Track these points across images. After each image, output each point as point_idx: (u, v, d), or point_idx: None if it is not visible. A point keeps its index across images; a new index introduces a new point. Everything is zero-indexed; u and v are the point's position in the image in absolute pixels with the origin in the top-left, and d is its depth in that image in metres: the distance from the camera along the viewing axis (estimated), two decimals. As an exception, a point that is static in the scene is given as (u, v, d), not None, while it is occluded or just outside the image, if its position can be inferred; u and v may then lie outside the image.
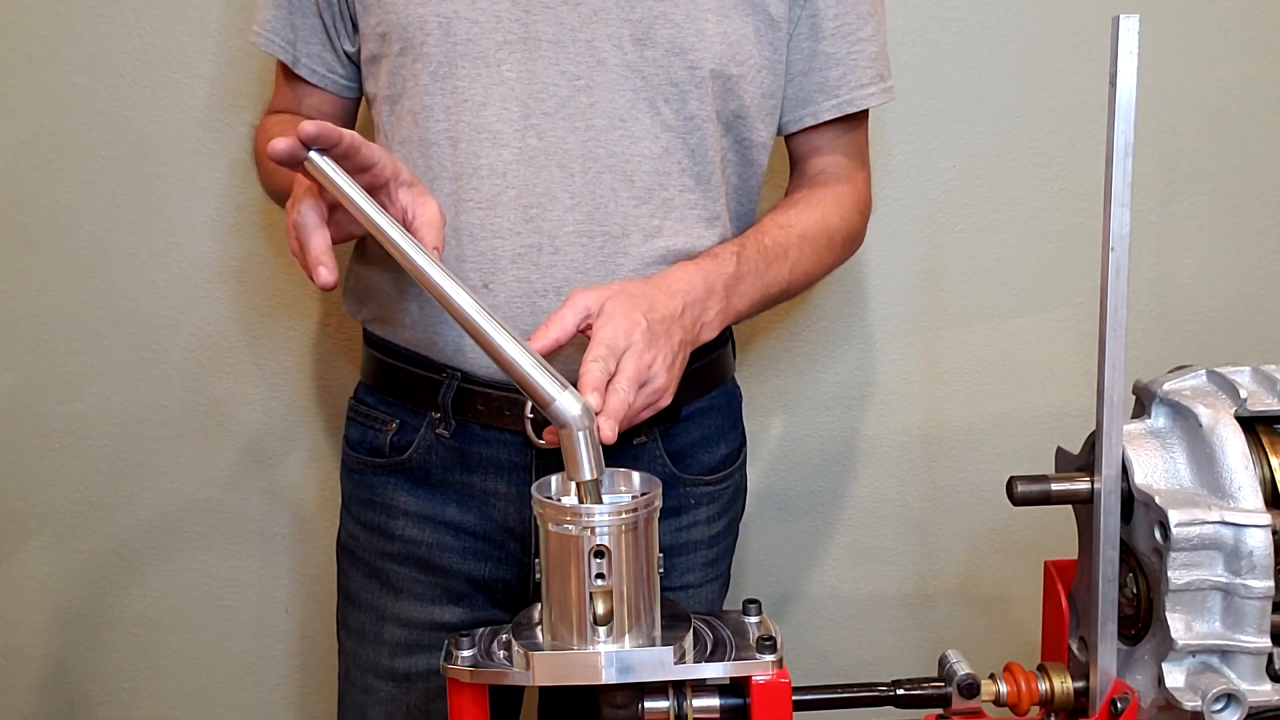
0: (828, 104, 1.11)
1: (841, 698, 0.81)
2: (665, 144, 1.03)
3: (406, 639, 1.11)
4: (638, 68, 1.01)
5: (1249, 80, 1.46)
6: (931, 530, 1.53)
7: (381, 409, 1.11)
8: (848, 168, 1.16)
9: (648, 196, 1.02)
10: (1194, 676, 0.75)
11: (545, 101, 1.01)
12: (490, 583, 1.10)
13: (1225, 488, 0.75)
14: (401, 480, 1.10)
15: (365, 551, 1.13)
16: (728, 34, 1.03)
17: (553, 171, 1.01)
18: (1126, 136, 0.72)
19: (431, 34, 1.01)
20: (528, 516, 1.07)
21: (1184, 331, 1.50)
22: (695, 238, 1.05)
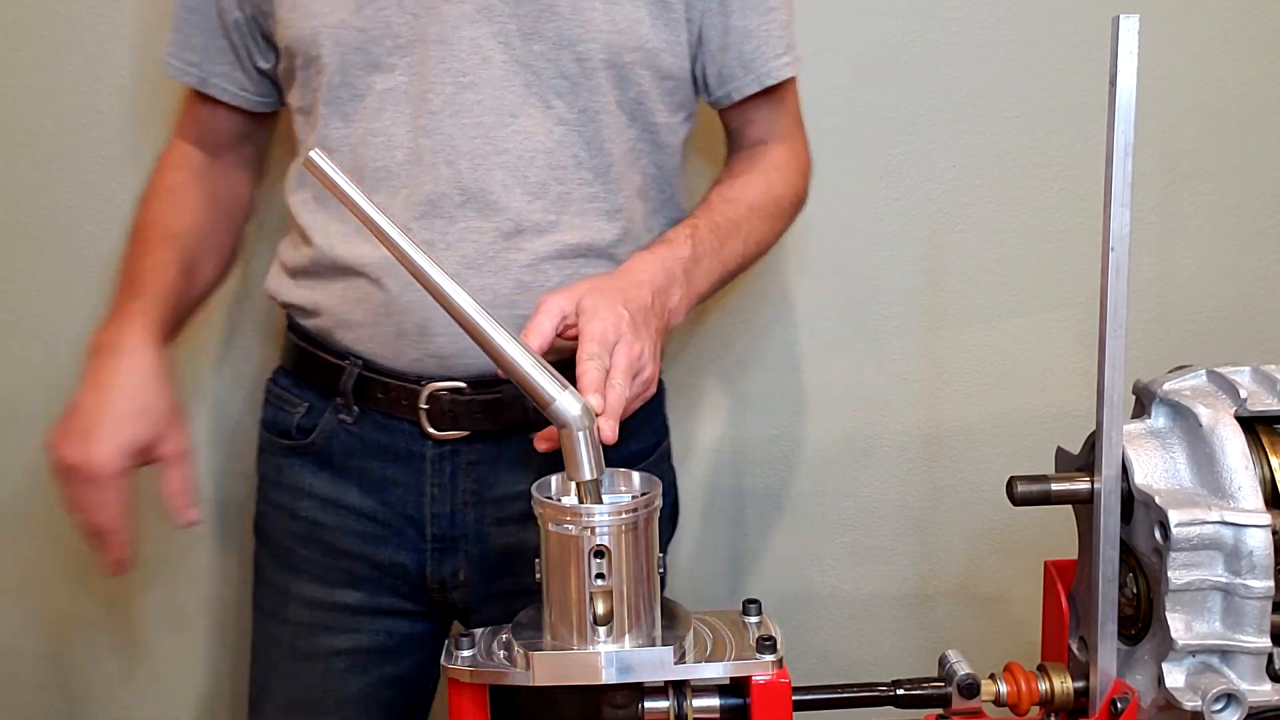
0: (749, 79, 1.12)
1: (841, 698, 0.81)
2: (559, 138, 1.03)
3: (309, 619, 1.13)
4: (526, 62, 1.02)
5: (1249, 80, 1.46)
6: (931, 530, 1.53)
7: (293, 392, 1.14)
8: (784, 133, 1.19)
9: (542, 192, 1.03)
10: (1194, 676, 0.75)
11: (432, 101, 1.02)
12: (390, 567, 1.11)
13: (1225, 488, 0.75)
14: (307, 462, 1.12)
15: (273, 531, 1.16)
16: (616, 21, 1.03)
17: (441, 169, 1.02)
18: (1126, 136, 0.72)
19: (324, 45, 1.03)
20: (424, 504, 1.09)
21: (1184, 331, 1.50)
22: (595, 232, 1.06)
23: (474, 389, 1.06)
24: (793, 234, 1.44)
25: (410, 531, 1.10)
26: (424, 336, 1.04)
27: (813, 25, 1.40)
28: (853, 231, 1.45)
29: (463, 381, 1.05)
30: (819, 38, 1.41)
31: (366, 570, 1.12)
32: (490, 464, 1.09)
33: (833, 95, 1.42)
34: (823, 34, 1.41)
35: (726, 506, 1.51)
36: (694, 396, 1.48)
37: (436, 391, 1.05)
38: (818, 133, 1.43)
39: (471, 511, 1.09)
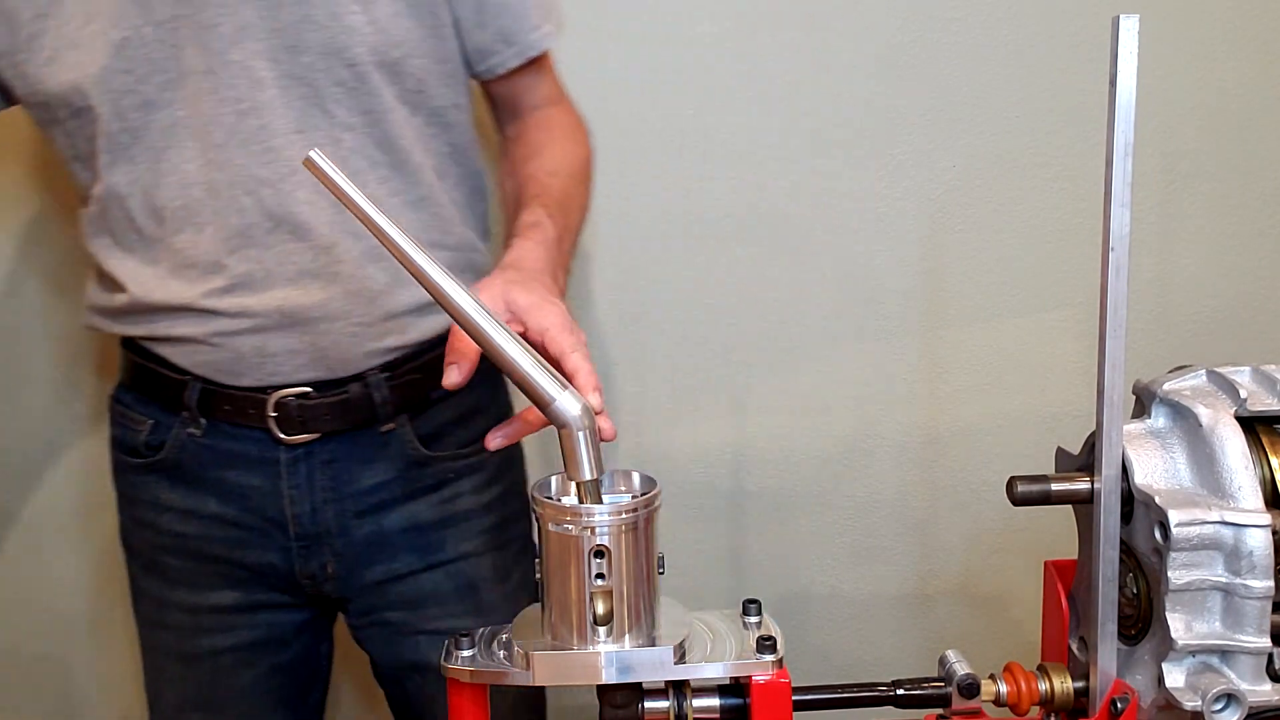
0: (510, 52, 1.13)
1: (841, 698, 0.81)
2: (350, 144, 1.04)
3: (189, 623, 1.14)
4: (298, 75, 1.01)
5: (1249, 80, 1.46)
6: (931, 530, 1.53)
7: (137, 409, 1.13)
8: (558, 95, 1.20)
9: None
10: (1194, 676, 0.75)
11: (215, 134, 1.01)
12: (261, 568, 1.12)
13: (1225, 488, 0.75)
14: (161, 478, 1.12)
15: (140, 544, 1.16)
16: (377, 19, 1.02)
17: (243, 200, 1.02)
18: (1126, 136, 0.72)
19: (92, 95, 1.00)
20: (284, 506, 1.09)
21: (1184, 331, 1.50)
22: (406, 223, 1.04)
23: (320, 392, 1.07)
24: (793, 234, 1.45)
25: (274, 533, 1.11)
26: (263, 357, 1.05)
27: (813, 26, 1.41)
28: (853, 231, 1.45)
29: (308, 386, 1.06)
30: (819, 38, 1.41)
31: (238, 572, 1.12)
32: (344, 460, 1.10)
33: (833, 95, 1.42)
34: (823, 34, 1.41)
35: (726, 506, 1.51)
36: (694, 397, 1.48)
37: (283, 399, 1.06)
38: (818, 133, 1.43)
39: (331, 508, 1.10)
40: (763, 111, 1.42)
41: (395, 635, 1.16)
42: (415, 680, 1.18)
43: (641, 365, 1.47)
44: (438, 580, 1.14)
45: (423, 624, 1.15)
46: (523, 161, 1.15)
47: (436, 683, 1.11)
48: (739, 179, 1.43)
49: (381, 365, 1.09)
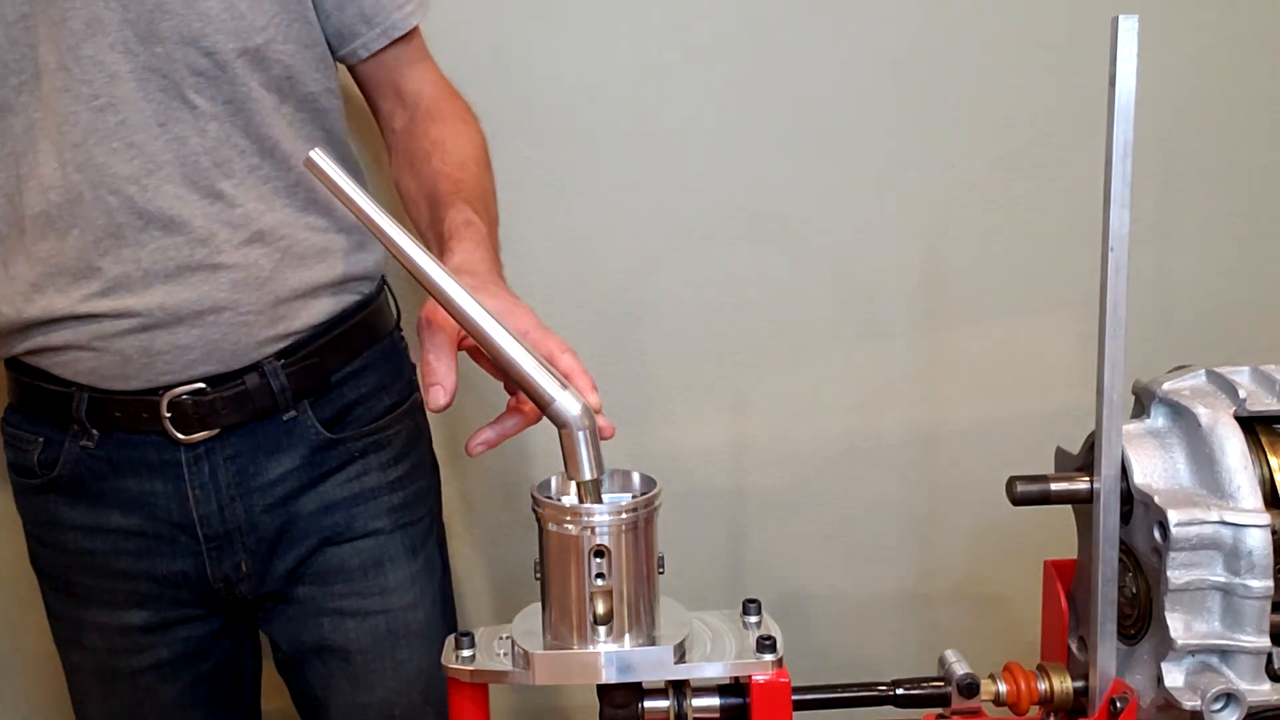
0: (374, 33, 1.10)
1: (841, 697, 0.81)
2: (216, 134, 1.01)
3: (105, 644, 1.12)
4: (155, 67, 0.98)
5: (1249, 80, 1.46)
6: (931, 530, 1.53)
7: (26, 428, 1.10)
8: (432, 77, 1.17)
9: (217, 191, 1.01)
10: (1193, 676, 0.75)
11: (70, 133, 0.97)
12: (170, 578, 1.10)
13: (1224, 488, 0.75)
14: (59, 496, 1.09)
15: (50, 566, 1.14)
16: (234, 5, 0.99)
17: (106, 199, 0.98)
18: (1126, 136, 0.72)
19: None
20: (190, 508, 1.07)
21: (1184, 331, 1.50)
22: (281, 211, 1.04)
23: (215, 387, 1.04)
24: (793, 234, 1.45)
25: (183, 538, 1.08)
26: (149, 356, 1.02)
27: (813, 26, 1.41)
28: (853, 231, 1.45)
29: (202, 382, 1.04)
30: (819, 38, 1.41)
31: (148, 587, 1.10)
32: (248, 454, 1.08)
33: (833, 95, 1.42)
34: (823, 35, 1.41)
35: (726, 506, 1.51)
36: (695, 397, 1.48)
37: (176, 398, 1.04)
38: (818, 133, 1.43)
39: (239, 504, 1.08)
40: (763, 112, 1.42)
41: (300, 614, 1.14)
42: (316, 666, 1.16)
43: (641, 365, 1.47)
44: (344, 555, 1.13)
45: (328, 601, 1.13)
46: (425, 158, 1.12)
47: (341, 670, 1.14)
48: (739, 179, 1.43)
49: (277, 353, 1.06)
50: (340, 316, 1.10)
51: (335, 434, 1.11)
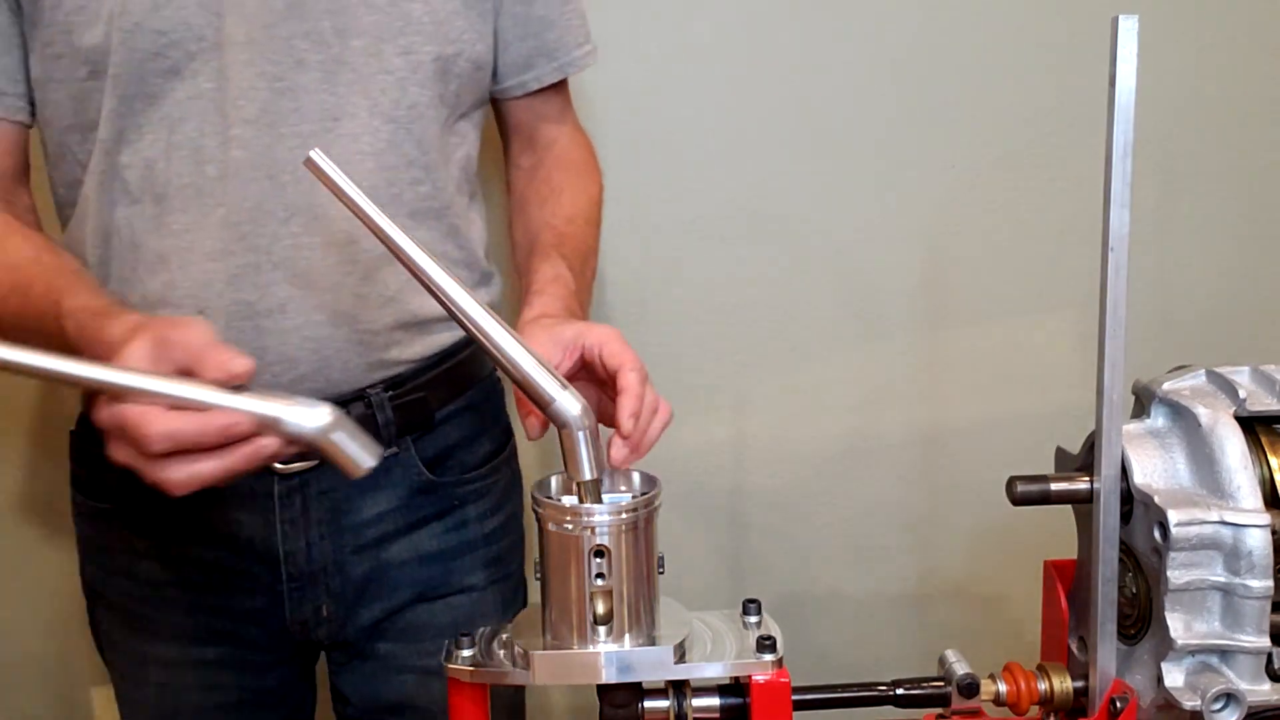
0: (550, 67, 1.10)
1: (841, 697, 0.81)
2: (388, 137, 0.98)
3: (169, 679, 1.06)
4: (345, 60, 0.95)
5: (1249, 80, 1.46)
6: (931, 530, 1.53)
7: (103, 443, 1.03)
8: (572, 129, 1.17)
9: (373, 196, 0.96)
10: (1193, 676, 0.75)
11: (245, 109, 0.93)
12: (244, 614, 1.04)
13: (1224, 488, 0.75)
14: (136, 521, 1.02)
15: (113, 594, 1.07)
16: (436, 12, 0.98)
17: (262, 184, 0.94)
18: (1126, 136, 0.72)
19: (117, 51, 0.91)
20: (275, 543, 1.01)
21: (1184, 331, 1.50)
22: (428, 230, 1.01)
23: None
24: (793, 234, 1.45)
25: (263, 574, 1.02)
26: (260, 365, 0.94)
27: (813, 26, 1.41)
28: (853, 231, 1.45)
29: None
30: (819, 39, 1.41)
31: (222, 623, 1.04)
32: (344, 490, 1.02)
33: (833, 95, 1.42)
34: (823, 35, 1.41)
35: (726, 506, 1.51)
36: (695, 397, 1.48)
37: None
38: (819, 133, 1.43)
39: (329, 543, 1.02)
40: (763, 112, 1.42)
41: (381, 671, 1.08)
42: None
43: (641, 365, 1.47)
44: (436, 611, 1.08)
45: (414, 659, 1.07)
46: (539, 203, 1.10)
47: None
48: (739, 179, 1.43)
49: (385, 381, 1.01)
50: (450, 350, 1.06)
51: (437, 476, 1.06)
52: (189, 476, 0.74)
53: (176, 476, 0.74)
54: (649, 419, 0.82)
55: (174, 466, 0.74)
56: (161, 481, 0.75)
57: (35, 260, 0.93)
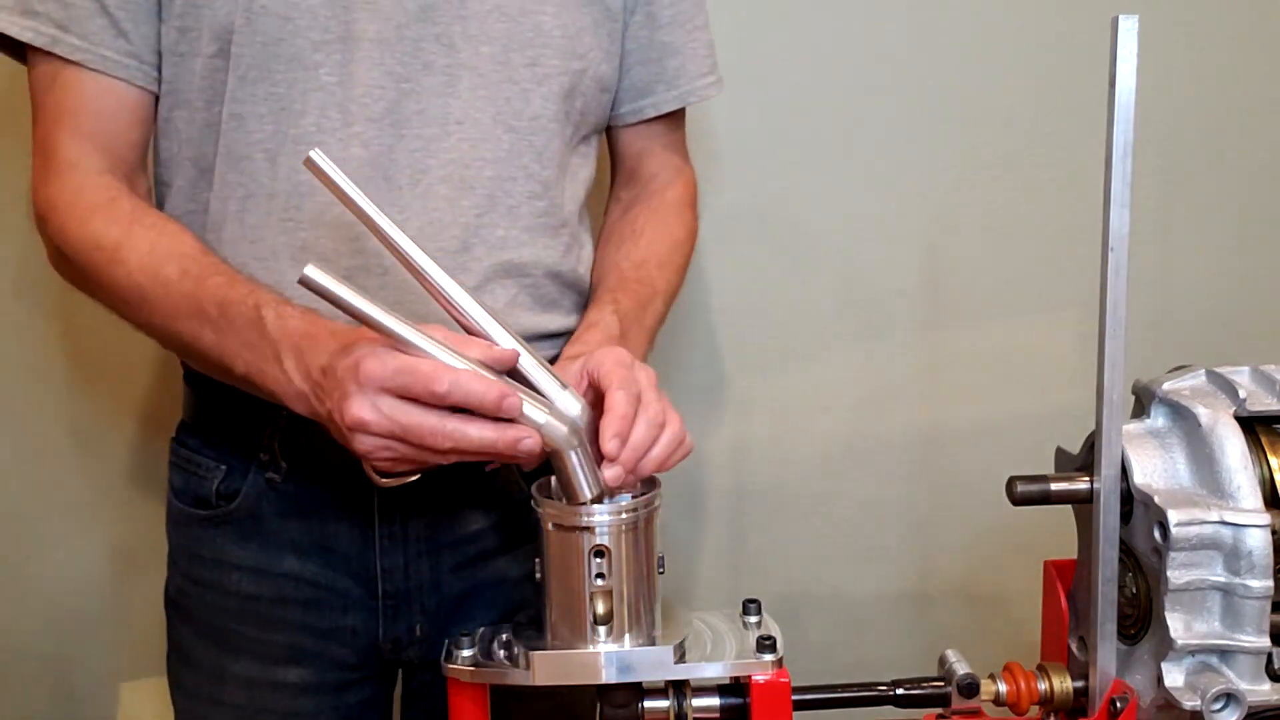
0: (669, 95, 1.07)
1: (841, 697, 0.81)
2: (508, 147, 0.96)
3: (247, 700, 1.02)
4: (472, 66, 0.94)
5: (1249, 80, 1.46)
6: (931, 530, 1.53)
7: (205, 453, 1.00)
8: (678, 167, 1.14)
9: (490, 205, 0.95)
10: (1193, 676, 0.75)
11: (369, 107, 0.91)
12: (336, 633, 1.01)
13: (1224, 488, 0.75)
14: (231, 532, 0.99)
15: (198, 608, 1.03)
16: (567, 26, 0.97)
17: (378, 183, 0.92)
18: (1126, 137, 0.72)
19: (240, 32, 0.90)
20: (372, 559, 0.99)
21: (1184, 331, 1.50)
22: (542, 248, 0.98)
23: None
24: (793, 234, 1.45)
25: (358, 592, 0.99)
26: None
27: (813, 26, 1.41)
28: (853, 231, 1.45)
29: None
30: (819, 38, 1.41)
31: (310, 642, 1.00)
32: (444, 506, 0.99)
33: (833, 96, 1.42)
34: (823, 34, 1.41)
35: (726, 506, 1.51)
36: (694, 396, 1.48)
37: None
38: (819, 133, 1.43)
39: (426, 560, 1.00)
40: (763, 112, 1.42)
41: None
42: None
43: (641, 365, 1.47)
44: None
45: None
46: (617, 243, 1.07)
47: None
48: (739, 179, 1.43)
49: None
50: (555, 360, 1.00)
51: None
52: (456, 436, 0.75)
53: (444, 431, 0.75)
54: (647, 437, 0.79)
55: (450, 421, 0.75)
56: (426, 437, 0.75)
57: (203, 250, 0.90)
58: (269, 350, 0.82)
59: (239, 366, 0.85)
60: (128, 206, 0.91)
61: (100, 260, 0.89)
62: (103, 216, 0.90)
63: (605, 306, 0.98)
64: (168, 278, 0.87)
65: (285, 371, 0.82)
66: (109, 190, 0.92)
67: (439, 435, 0.75)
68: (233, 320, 0.84)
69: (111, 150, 0.94)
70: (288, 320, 0.83)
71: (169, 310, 0.87)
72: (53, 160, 0.93)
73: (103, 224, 0.90)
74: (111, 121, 0.94)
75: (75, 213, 0.91)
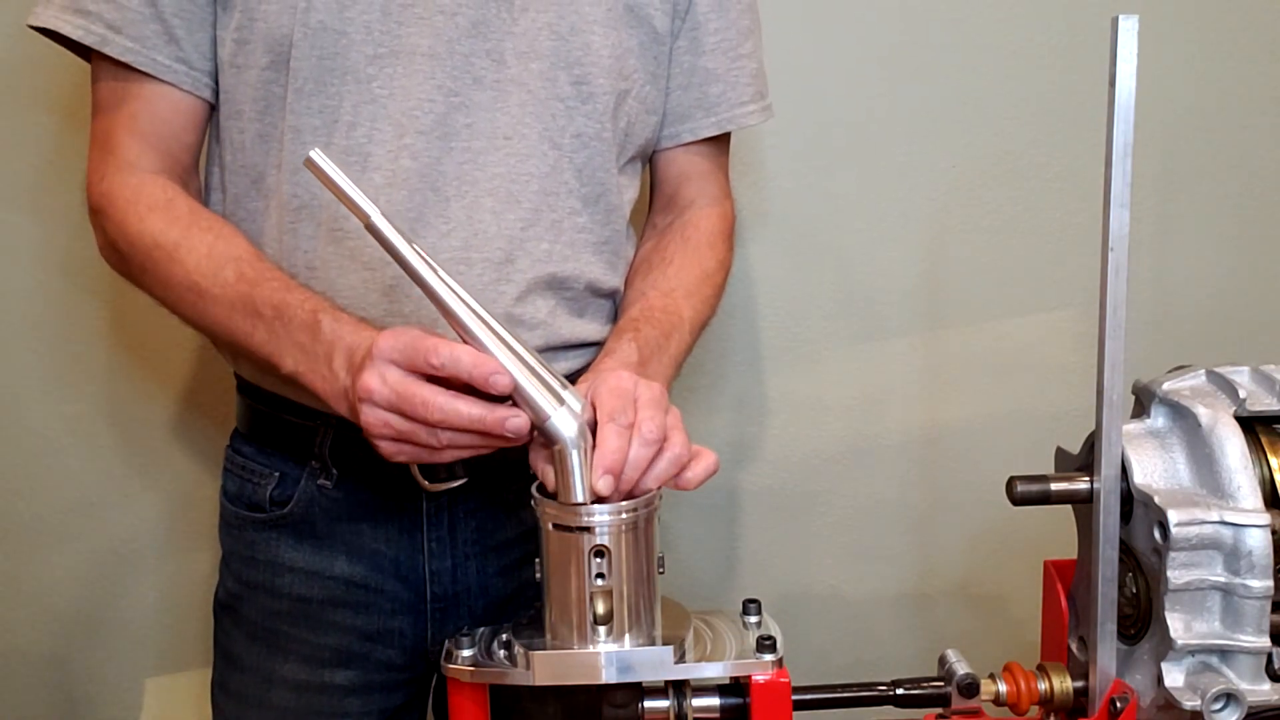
0: (708, 121, 1.08)
1: (841, 697, 0.81)
2: (553, 162, 0.97)
3: (295, 703, 1.04)
4: (522, 82, 0.95)
5: (1249, 80, 1.46)
6: (931, 530, 1.53)
7: (259, 460, 1.03)
8: (716, 196, 1.12)
9: (534, 219, 0.96)
10: (1193, 676, 0.75)
11: (419, 120, 0.93)
12: (384, 635, 1.03)
13: (1224, 488, 0.75)
14: (285, 535, 1.02)
15: (249, 611, 1.05)
16: (615, 47, 0.98)
17: (425, 195, 0.93)
18: (1126, 136, 0.72)
19: (298, 46, 0.92)
20: (421, 563, 1.01)
21: (1184, 331, 1.50)
22: (584, 264, 0.99)
23: None
24: (793, 234, 1.45)
25: (407, 595, 1.02)
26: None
27: (813, 26, 1.41)
28: (853, 231, 1.45)
29: None
30: (819, 38, 1.41)
31: (358, 645, 1.03)
32: (492, 509, 1.01)
33: (833, 96, 1.42)
34: (823, 34, 1.41)
35: (726, 506, 1.51)
36: (694, 396, 1.48)
37: None
38: (820, 133, 1.43)
39: (474, 564, 1.02)
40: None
41: None
42: None
43: (641, 365, 1.47)
44: None
45: None
46: (646, 271, 1.07)
47: None
48: (739, 179, 1.43)
49: None
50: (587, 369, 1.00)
51: None
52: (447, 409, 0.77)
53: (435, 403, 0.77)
54: (642, 457, 0.78)
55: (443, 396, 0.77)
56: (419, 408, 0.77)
57: (258, 255, 0.93)
58: (322, 351, 0.85)
59: (288, 365, 0.87)
60: (185, 207, 0.94)
61: (160, 258, 0.92)
62: (162, 216, 0.93)
63: (625, 335, 0.98)
64: (225, 279, 0.90)
65: (333, 370, 0.84)
66: (166, 190, 0.95)
67: (430, 407, 0.77)
68: (288, 322, 0.87)
69: (167, 151, 0.97)
70: (342, 325, 0.85)
71: (225, 308, 0.90)
72: (111, 156, 0.95)
73: (162, 223, 0.92)
74: (167, 124, 0.96)
75: (135, 210, 0.93)
